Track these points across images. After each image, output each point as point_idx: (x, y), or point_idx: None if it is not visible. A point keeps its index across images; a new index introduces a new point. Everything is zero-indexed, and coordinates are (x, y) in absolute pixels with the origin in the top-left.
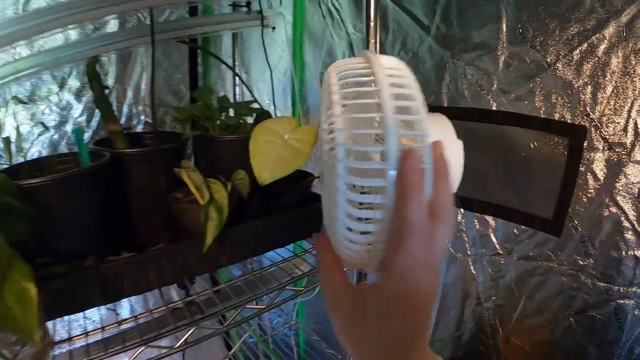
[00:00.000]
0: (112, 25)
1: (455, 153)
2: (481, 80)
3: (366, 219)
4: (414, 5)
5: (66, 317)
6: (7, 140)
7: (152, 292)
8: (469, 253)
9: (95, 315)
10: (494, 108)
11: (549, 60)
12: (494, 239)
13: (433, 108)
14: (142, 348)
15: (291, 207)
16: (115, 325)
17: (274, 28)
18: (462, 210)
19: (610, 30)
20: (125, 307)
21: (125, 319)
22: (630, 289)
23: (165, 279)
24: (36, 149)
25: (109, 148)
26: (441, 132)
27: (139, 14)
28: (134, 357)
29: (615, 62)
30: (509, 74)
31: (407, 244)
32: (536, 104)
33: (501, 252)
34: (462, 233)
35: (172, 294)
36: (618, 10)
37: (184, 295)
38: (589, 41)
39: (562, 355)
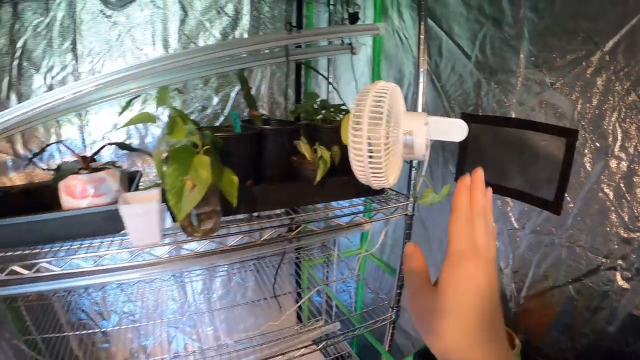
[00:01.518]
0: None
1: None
2: (504, 95)
3: None
4: (460, 38)
5: None
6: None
7: None
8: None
9: None
10: (513, 116)
11: (551, 80)
12: (511, 216)
13: (471, 116)
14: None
15: None
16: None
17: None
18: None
19: (596, 57)
20: None
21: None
22: (616, 261)
23: (284, 203)
24: None
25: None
26: (412, 122)
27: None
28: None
29: (599, 81)
30: (524, 91)
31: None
32: (542, 113)
33: (517, 226)
34: None
35: None
36: (601, 42)
37: None
38: (580, 66)
39: (564, 318)
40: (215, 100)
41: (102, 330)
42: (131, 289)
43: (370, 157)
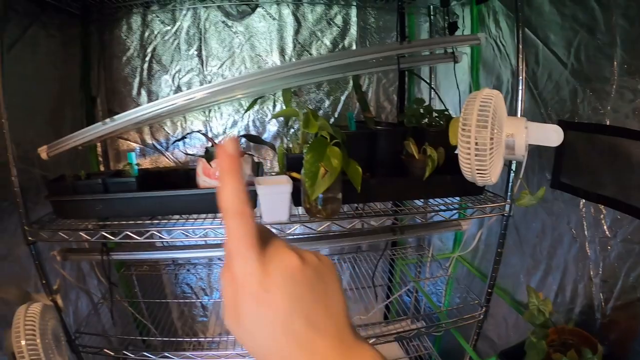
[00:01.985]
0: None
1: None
2: (599, 103)
3: None
4: (556, 46)
5: None
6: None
7: None
8: (586, 235)
9: None
10: (608, 123)
11: None
12: (603, 224)
13: (567, 123)
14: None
15: None
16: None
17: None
18: (583, 199)
19: None
20: None
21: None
22: None
23: (394, 195)
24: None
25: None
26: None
27: None
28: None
29: None
30: (618, 98)
31: None
32: (637, 121)
33: (609, 235)
34: (582, 218)
35: None
36: None
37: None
38: None
39: None
40: (327, 103)
41: (202, 303)
42: None
43: (476, 156)
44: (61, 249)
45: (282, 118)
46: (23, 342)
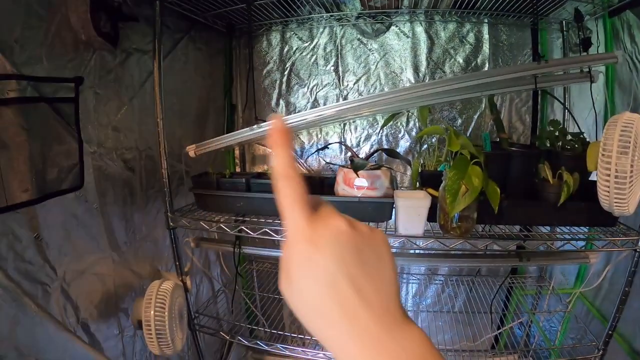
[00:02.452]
0: None
1: None
2: None
3: None
4: None
5: None
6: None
7: None
8: None
9: None
10: None
11: None
12: None
13: None
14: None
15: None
16: None
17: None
18: None
19: None
20: None
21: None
22: None
23: (524, 220)
24: None
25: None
26: None
27: None
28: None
29: None
30: None
31: None
32: None
33: None
34: None
35: None
36: None
37: None
38: None
39: None
40: (459, 121)
41: None
42: None
43: (616, 183)
44: (195, 237)
45: (414, 134)
46: (152, 312)
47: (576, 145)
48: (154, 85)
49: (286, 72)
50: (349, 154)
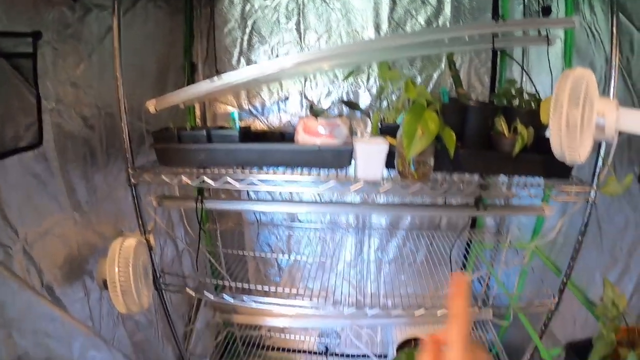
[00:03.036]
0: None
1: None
2: None
3: None
4: None
5: None
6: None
7: None
8: None
9: None
10: None
11: None
12: None
13: None
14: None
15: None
16: None
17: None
18: None
19: None
20: None
21: None
22: None
23: (481, 168)
24: None
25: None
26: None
27: None
28: None
29: None
30: None
31: None
32: None
33: None
34: None
35: None
36: None
37: None
38: None
39: None
40: (419, 79)
41: (279, 263)
42: (314, 234)
43: (567, 133)
44: (157, 196)
45: (374, 91)
46: (116, 269)
47: (532, 104)
48: (112, 42)
49: (247, 30)
50: (309, 107)
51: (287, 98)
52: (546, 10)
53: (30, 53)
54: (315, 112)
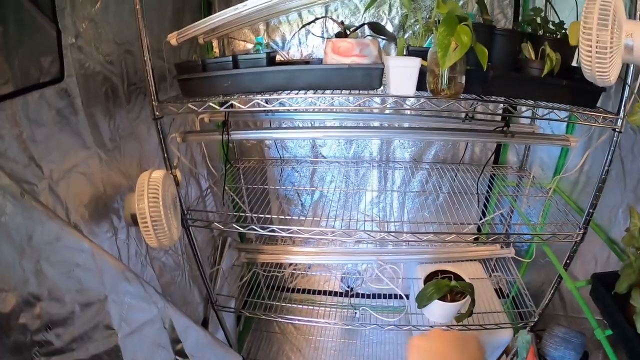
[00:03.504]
0: None
1: None
2: None
3: None
4: None
5: None
6: None
7: None
8: None
9: None
10: None
11: None
12: None
13: None
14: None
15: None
16: None
17: None
18: None
19: None
20: None
21: None
22: None
23: (510, 92)
24: None
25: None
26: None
27: None
28: None
29: None
30: None
31: None
32: None
33: None
34: None
35: None
36: None
37: None
38: None
39: None
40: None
41: (302, 201)
42: (338, 169)
43: (597, 54)
44: (181, 132)
45: (396, 22)
46: (146, 202)
47: (557, 33)
48: None
49: None
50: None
51: (307, 29)
52: None
53: None
54: (345, 30)
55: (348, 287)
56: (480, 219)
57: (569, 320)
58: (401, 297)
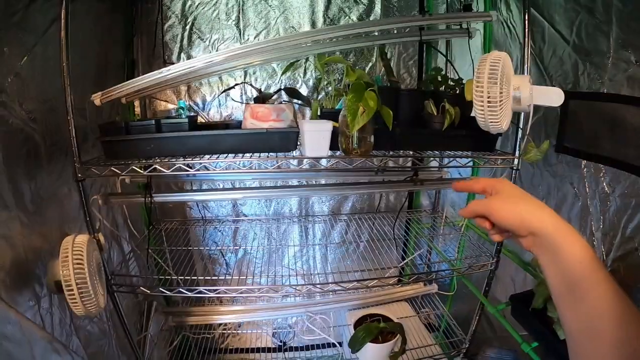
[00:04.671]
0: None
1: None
2: (597, 74)
3: None
4: (560, 25)
5: None
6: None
7: None
8: (587, 192)
9: None
10: (604, 91)
11: (637, 59)
12: (603, 181)
13: (569, 93)
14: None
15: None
16: None
17: (471, 37)
18: (584, 160)
19: None
20: None
21: None
22: None
23: (416, 146)
24: None
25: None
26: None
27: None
28: None
29: None
30: (613, 69)
31: None
32: (629, 88)
33: (608, 191)
34: (584, 177)
35: None
36: None
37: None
38: None
39: None
40: None
41: (226, 260)
42: (260, 226)
43: (489, 106)
44: (103, 194)
45: (311, 84)
46: (71, 268)
47: (456, 89)
48: (56, 33)
49: (187, 27)
50: (252, 95)
51: (227, 93)
52: (467, 9)
53: None
54: (264, 96)
55: (281, 341)
56: (401, 260)
57: (500, 340)
58: (334, 345)
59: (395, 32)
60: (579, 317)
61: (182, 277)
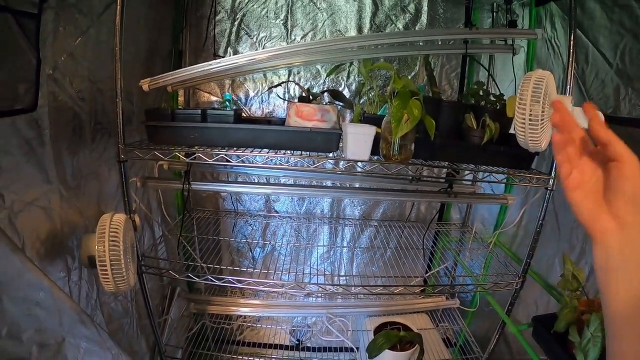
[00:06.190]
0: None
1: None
2: (638, 99)
3: None
4: (604, 48)
5: None
6: None
7: None
8: None
9: None
10: None
11: None
12: None
13: (610, 117)
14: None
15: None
16: None
17: (515, 54)
18: None
19: None
20: None
21: None
22: None
23: (453, 157)
24: None
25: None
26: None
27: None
28: None
29: None
30: None
31: None
32: None
33: None
34: None
35: None
36: None
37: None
38: None
39: None
40: None
41: (253, 254)
42: (290, 224)
43: (530, 125)
44: (141, 176)
45: (353, 88)
46: (106, 245)
47: (497, 104)
48: (110, 18)
49: (236, 23)
50: (295, 95)
51: (271, 90)
52: (512, 25)
53: (35, 14)
54: (310, 95)
55: (297, 340)
56: (426, 272)
57: None
58: (351, 350)
59: (440, 43)
60: None
61: (211, 266)
